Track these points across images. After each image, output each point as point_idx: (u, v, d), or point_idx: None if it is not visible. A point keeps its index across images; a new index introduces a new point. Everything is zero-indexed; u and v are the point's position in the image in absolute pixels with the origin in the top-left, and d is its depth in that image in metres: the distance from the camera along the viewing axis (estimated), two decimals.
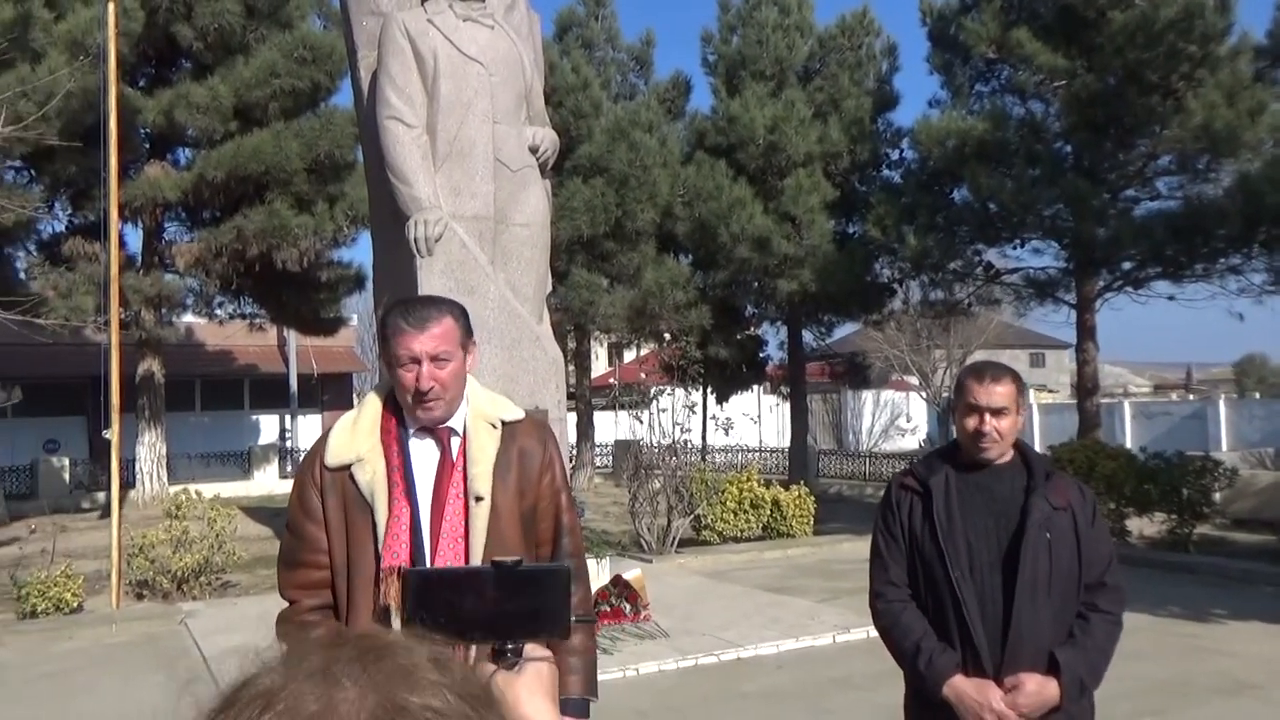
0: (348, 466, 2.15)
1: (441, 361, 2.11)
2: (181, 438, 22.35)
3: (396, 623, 2.09)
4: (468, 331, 2.21)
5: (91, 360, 13.37)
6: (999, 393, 2.50)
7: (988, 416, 2.48)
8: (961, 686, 2.40)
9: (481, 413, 2.23)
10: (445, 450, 2.19)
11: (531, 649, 1.13)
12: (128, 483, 16.82)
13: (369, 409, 2.23)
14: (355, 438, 2.18)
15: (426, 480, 2.17)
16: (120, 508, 9.65)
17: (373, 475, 2.13)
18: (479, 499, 2.13)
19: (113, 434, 9.01)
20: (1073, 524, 2.46)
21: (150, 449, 17.43)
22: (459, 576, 1.22)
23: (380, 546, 2.09)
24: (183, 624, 8.32)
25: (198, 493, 10.61)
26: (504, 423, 2.24)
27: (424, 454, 2.19)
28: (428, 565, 2.10)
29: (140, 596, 9.60)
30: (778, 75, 18.45)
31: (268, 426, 26.77)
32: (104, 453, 9.47)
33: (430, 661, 0.61)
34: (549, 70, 17.34)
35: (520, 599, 1.13)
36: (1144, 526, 11.78)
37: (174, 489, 14.60)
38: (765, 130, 17.35)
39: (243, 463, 23.27)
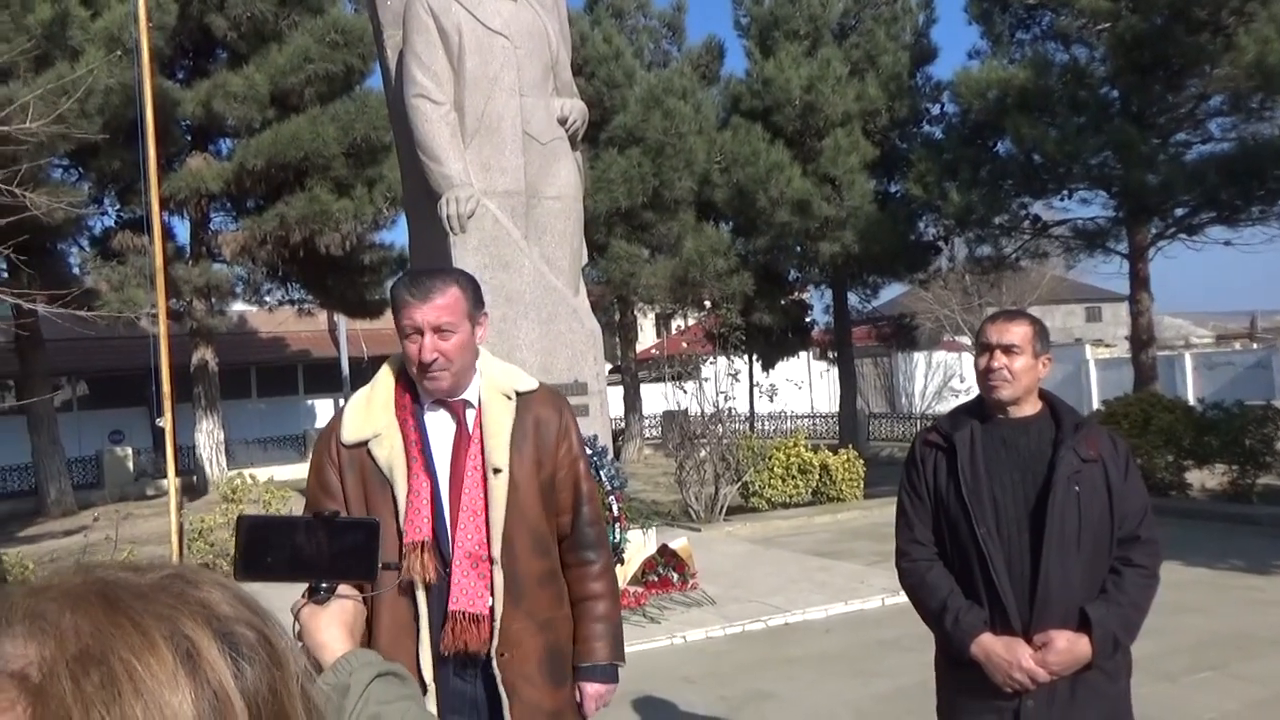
0: (365, 443, 2.15)
1: (445, 333, 2.09)
2: (240, 424, 22.83)
3: (421, 596, 2.09)
4: (477, 303, 2.19)
5: (150, 352, 13.71)
6: (1011, 330, 2.44)
7: (998, 353, 2.42)
8: (990, 645, 2.35)
9: (495, 384, 2.22)
10: (461, 423, 2.19)
11: (344, 589, 1.31)
12: (187, 469, 17.26)
13: (382, 384, 2.24)
14: (371, 413, 2.19)
15: (444, 454, 2.17)
16: (180, 494, 9.89)
17: (390, 450, 2.13)
18: (497, 471, 2.13)
19: (166, 422, 9.21)
20: (1104, 476, 2.38)
21: (208, 436, 17.85)
22: (284, 523, 1.34)
23: (402, 521, 2.09)
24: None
25: (252, 476, 10.82)
26: (518, 393, 2.23)
27: (440, 427, 2.19)
28: (450, 540, 2.12)
29: None
30: (812, 34, 18.12)
31: (323, 410, 27.23)
32: (165, 441, 9.70)
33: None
34: (580, 41, 17.23)
35: (335, 545, 1.28)
36: (1205, 479, 11.51)
37: (231, 473, 14.93)
38: (801, 91, 17.07)
39: (299, 446, 23.70)
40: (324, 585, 1.30)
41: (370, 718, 1.13)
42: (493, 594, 2.11)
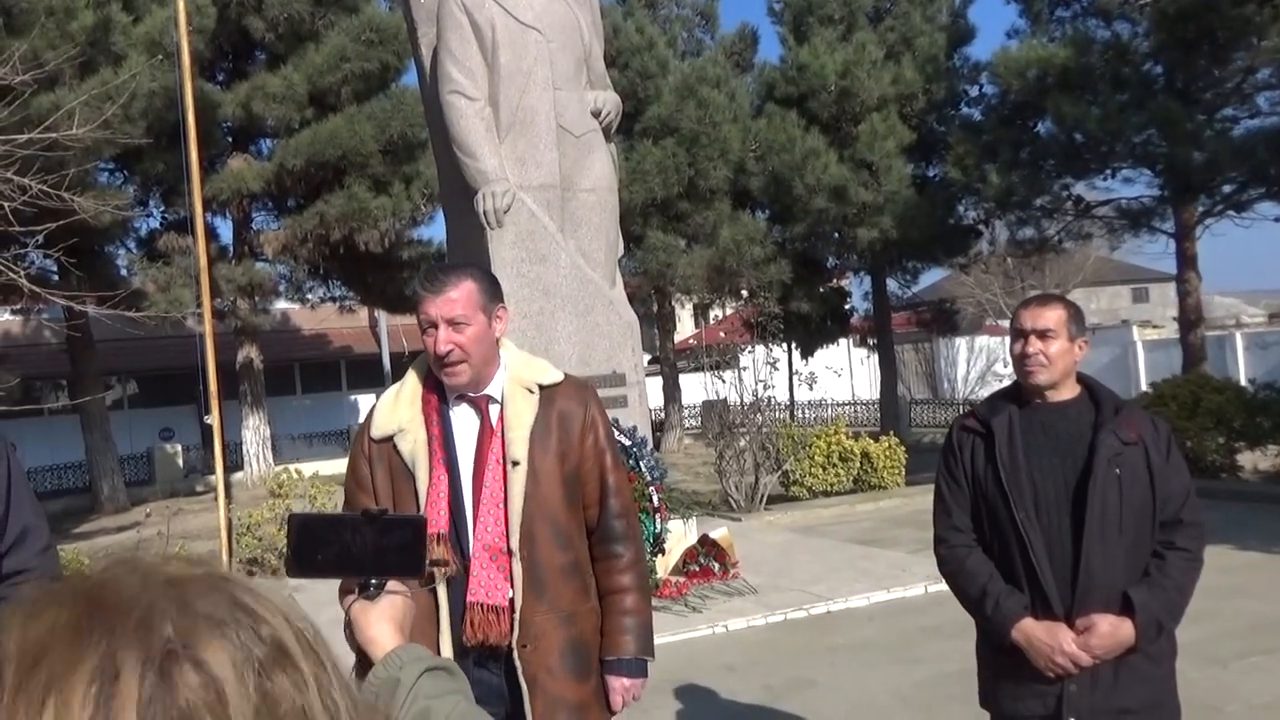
0: (391, 437, 2.20)
1: (459, 325, 2.12)
2: (285, 420, 23.19)
3: (441, 589, 2.13)
4: (492, 297, 2.20)
5: (197, 351, 14.00)
6: (1045, 315, 2.43)
7: (1033, 338, 2.41)
8: (1031, 629, 2.34)
9: (518, 378, 2.24)
10: (485, 417, 2.21)
11: (393, 585, 1.32)
12: (235, 465, 17.57)
13: (411, 381, 2.28)
14: (397, 409, 2.23)
15: (468, 448, 2.19)
16: (228, 489, 10.09)
17: (414, 444, 2.17)
18: (515, 463, 2.15)
19: (213, 419, 9.39)
20: (1145, 459, 2.35)
21: (255, 432, 18.15)
22: (333, 521, 1.36)
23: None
24: (290, 597, 8.64)
25: (298, 471, 11.00)
26: (542, 387, 2.24)
27: (464, 422, 2.22)
28: (470, 531, 2.15)
29: (251, 573, 10.01)
30: (847, 18, 17.96)
31: (366, 405, 27.37)
32: (213, 438, 9.91)
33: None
34: (613, 33, 17.22)
35: (382, 542, 1.29)
36: (1257, 460, 11.28)
37: (278, 469, 15.17)
38: (836, 76, 16.93)
39: (343, 441, 24.01)
40: (373, 581, 1.32)
41: (419, 712, 1.14)
42: (513, 586, 2.12)
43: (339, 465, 21.25)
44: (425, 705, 1.14)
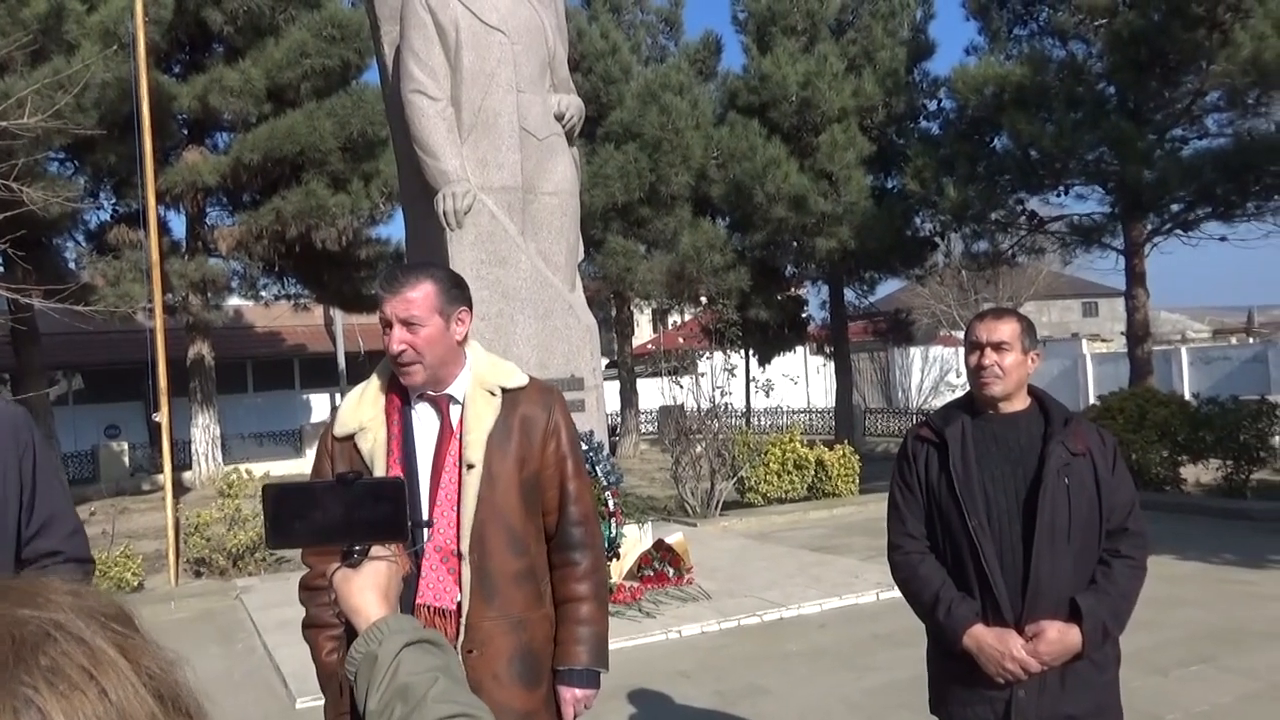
0: (352, 435, 2.20)
1: (413, 326, 2.11)
2: (236, 419, 22.83)
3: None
4: (452, 299, 2.18)
5: (146, 346, 13.74)
6: (1000, 328, 2.48)
7: (988, 350, 2.46)
8: (981, 636, 2.38)
9: (481, 380, 2.23)
10: (445, 418, 2.20)
11: (376, 551, 1.28)
12: (183, 464, 17.26)
13: (375, 380, 2.28)
14: (361, 408, 2.23)
15: (427, 448, 2.18)
16: (176, 488, 9.89)
17: (373, 443, 2.16)
18: (470, 466, 2.14)
19: (162, 417, 9.22)
20: (1092, 470, 2.41)
21: (204, 430, 17.84)
22: (309, 489, 1.33)
23: None
24: (238, 599, 8.52)
25: (248, 471, 10.82)
26: (505, 390, 2.23)
27: (425, 422, 2.21)
28: (424, 532, 2.13)
29: (198, 574, 9.85)
30: (809, 30, 18.15)
31: (319, 405, 27.25)
32: (160, 436, 9.72)
33: (64, 589, 0.62)
34: (577, 37, 17.22)
35: (363, 509, 1.27)
36: (1199, 474, 11.55)
37: (228, 468, 14.91)
38: (798, 87, 17.10)
39: (295, 441, 23.71)
40: (355, 549, 1.28)
41: (398, 689, 1.09)
42: (461, 590, 2.10)
43: (290, 465, 20.98)
44: (405, 682, 1.10)
